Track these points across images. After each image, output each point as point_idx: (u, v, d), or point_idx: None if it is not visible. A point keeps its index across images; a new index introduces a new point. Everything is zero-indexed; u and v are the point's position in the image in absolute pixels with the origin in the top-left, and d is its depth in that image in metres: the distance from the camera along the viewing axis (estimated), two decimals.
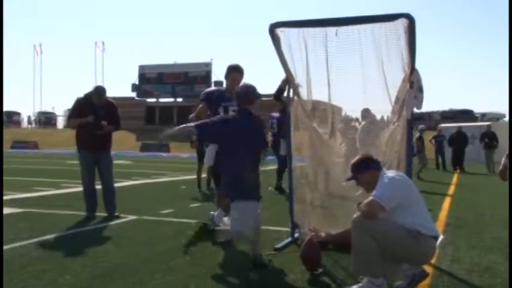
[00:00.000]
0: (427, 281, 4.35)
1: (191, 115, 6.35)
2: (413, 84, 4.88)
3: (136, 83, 61.49)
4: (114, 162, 8.28)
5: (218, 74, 53.73)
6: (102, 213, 7.81)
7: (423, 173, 17.11)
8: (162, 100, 61.56)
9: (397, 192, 3.98)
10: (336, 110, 5.82)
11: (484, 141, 21.39)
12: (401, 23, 4.70)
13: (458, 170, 21.04)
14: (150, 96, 61.31)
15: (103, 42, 67.35)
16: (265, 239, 5.69)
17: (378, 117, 5.93)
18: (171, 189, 12.35)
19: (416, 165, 17.56)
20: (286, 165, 6.20)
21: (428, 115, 48.95)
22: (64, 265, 4.87)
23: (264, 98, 6.04)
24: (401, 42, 4.78)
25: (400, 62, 4.96)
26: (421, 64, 5.05)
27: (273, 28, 5.31)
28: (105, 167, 7.92)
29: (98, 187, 7.92)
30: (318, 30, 5.18)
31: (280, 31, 5.32)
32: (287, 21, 5.33)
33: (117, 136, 9.09)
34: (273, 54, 5.55)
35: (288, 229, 6.13)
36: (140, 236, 6.32)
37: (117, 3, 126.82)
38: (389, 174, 4.15)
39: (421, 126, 20.50)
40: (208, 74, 58.70)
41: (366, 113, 6.00)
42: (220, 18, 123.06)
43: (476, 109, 50.67)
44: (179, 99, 60.06)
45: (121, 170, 17.43)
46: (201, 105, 6.12)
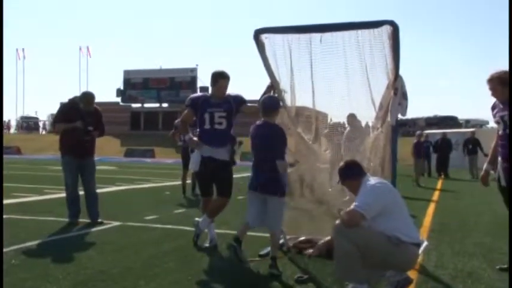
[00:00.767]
0: (412, 286, 4.36)
1: (176, 120, 6.33)
2: (397, 90, 4.92)
3: (121, 88, 61.22)
4: (98, 167, 8.23)
5: (204, 80, 53.73)
6: (85, 220, 7.74)
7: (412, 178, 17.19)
8: (147, 105, 61.36)
9: (378, 200, 4.01)
10: (321, 116, 5.84)
11: (467, 147, 21.58)
12: (386, 30, 4.74)
13: (443, 176, 21.19)
14: (135, 101, 61.09)
15: (87, 47, 67.19)
16: (249, 246, 5.67)
17: (363, 123, 5.96)
18: (156, 195, 12.28)
19: (413, 172, 17.66)
20: None
21: (413, 121, 49.35)
22: (45, 273, 4.80)
23: (249, 104, 6.05)
24: (385, 49, 4.82)
25: (384, 68, 5.00)
26: (405, 70, 5.10)
27: (257, 34, 5.33)
28: (89, 173, 7.87)
29: (81, 193, 7.86)
30: (302, 37, 5.21)
31: (264, 37, 5.34)
32: (272, 27, 5.34)
33: (101, 141, 9.04)
34: (258, 60, 5.56)
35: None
36: (124, 243, 6.26)
37: (103, 8, 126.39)
38: (372, 181, 4.17)
39: (418, 132, 20.62)
40: (193, 80, 58.61)
41: (352, 118, 6.02)
42: (205, 24, 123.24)
43: (461, 115, 51.15)
44: (164, 105, 59.88)
45: (105, 175, 17.31)
46: (186, 111, 6.09)
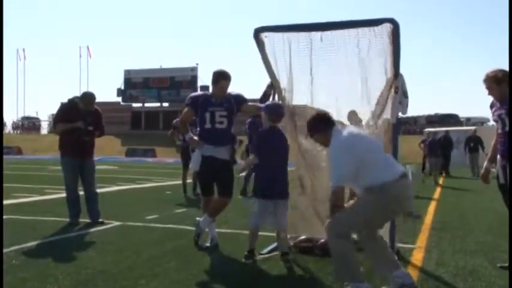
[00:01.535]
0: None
1: (175, 120, 6.32)
2: (398, 89, 4.91)
3: (122, 87, 61.23)
4: (99, 167, 8.24)
5: (204, 79, 53.74)
6: (85, 220, 7.73)
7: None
8: (147, 105, 61.38)
9: (347, 162, 3.99)
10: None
11: (469, 145, 21.54)
12: (386, 28, 4.73)
13: (444, 174, 21.17)
14: (136, 101, 61.11)
15: (88, 47, 67.18)
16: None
17: (364, 121, 5.95)
18: (156, 195, 12.28)
19: (427, 171, 17.61)
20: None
21: (414, 119, 49.34)
22: (45, 273, 4.80)
23: (250, 104, 6.04)
24: (385, 47, 4.81)
25: (384, 66, 4.98)
26: (405, 68, 5.09)
27: (257, 33, 5.32)
28: (89, 173, 7.86)
29: (82, 193, 7.86)
30: (302, 35, 5.21)
31: (264, 36, 5.33)
32: (272, 26, 5.33)
33: (102, 141, 9.05)
34: (258, 59, 5.56)
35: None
36: (124, 242, 6.26)
37: (103, 8, 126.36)
38: (338, 138, 4.14)
39: (430, 130, 20.53)
40: (194, 79, 58.62)
41: (353, 115, 6.00)
42: (205, 23, 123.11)
43: (461, 113, 51.16)
44: (165, 104, 59.90)
45: (106, 175, 17.31)
46: (186, 110, 6.08)
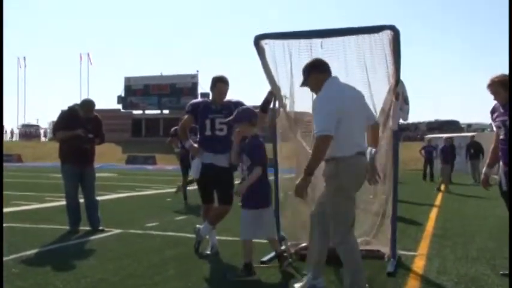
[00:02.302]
0: None
1: (173, 128, 6.33)
2: (399, 95, 4.90)
3: (122, 94, 61.40)
4: (100, 175, 8.24)
5: (204, 86, 53.83)
6: (85, 227, 7.71)
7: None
8: (148, 112, 61.50)
9: (330, 113, 4.05)
10: None
11: (469, 152, 21.54)
12: (386, 35, 4.73)
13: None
14: (136, 108, 61.23)
15: (88, 54, 67.40)
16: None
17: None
18: (157, 202, 12.26)
19: (440, 178, 17.59)
20: None
21: (415, 126, 49.35)
22: (45, 281, 4.77)
23: None
24: (386, 54, 4.81)
25: (385, 73, 4.98)
26: (405, 75, 5.09)
27: (257, 40, 5.32)
28: (89, 180, 7.85)
29: (82, 201, 7.84)
30: (303, 42, 5.21)
31: (264, 43, 5.33)
32: (272, 33, 5.34)
33: (103, 148, 9.05)
34: (259, 66, 5.56)
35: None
36: (125, 250, 6.24)
37: (103, 15, 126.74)
38: (323, 94, 4.21)
39: (445, 136, 20.53)
40: (194, 86, 58.79)
41: None
42: (206, 30, 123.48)
43: (462, 119, 51.20)
44: (165, 111, 60.03)
45: (106, 182, 17.29)
46: (186, 117, 6.08)
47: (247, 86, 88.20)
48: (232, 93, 5.96)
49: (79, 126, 7.61)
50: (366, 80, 5.06)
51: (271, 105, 5.81)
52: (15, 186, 15.69)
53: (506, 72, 5.05)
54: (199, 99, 6.65)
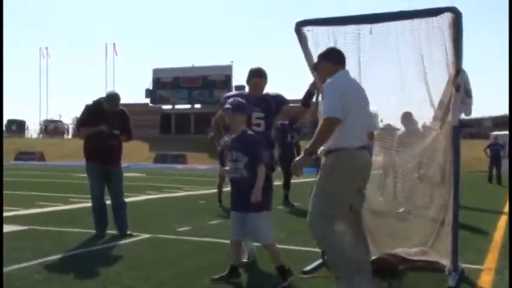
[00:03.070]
0: None
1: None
2: (459, 87, 4.78)
3: (150, 88, 62.07)
4: (126, 175, 8.30)
5: (239, 78, 53.97)
6: (112, 231, 7.81)
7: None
8: (178, 107, 62.05)
9: (338, 99, 4.34)
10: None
11: None
12: (446, 18, 4.61)
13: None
14: (166, 102, 61.85)
15: (114, 45, 68.38)
16: (290, 261, 5.47)
17: (419, 124, 5.82)
18: (189, 205, 12.34)
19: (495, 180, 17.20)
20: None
21: (478, 122, 48.12)
22: None
23: (291, 105, 5.98)
24: (445, 40, 4.69)
25: (444, 62, 4.86)
26: (468, 64, 4.96)
27: (299, 27, 5.26)
28: (116, 181, 7.92)
29: (108, 202, 7.94)
30: (349, 28, 5.13)
31: (307, 30, 5.27)
32: (315, 19, 5.26)
33: (129, 147, 9.13)
34: (300, 56, 5.51)
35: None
36: (154, 256, 6.28)
37: (130, 3, 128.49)
38: (331, 82, 4.48)
39: (495, 133, 20.07)
40: (228, 78, 59.03)
41: (407, 117, 5.87)
42: (241, 18, 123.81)
43: None
44: (197, 106, 60.49)
45: (133, 183, 17.52)
46: (220, 112, 6.07)
47: (287, 78, 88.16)
48: (270, 86, 5.93)
49: (104, 122, 7.68)
50: (421, 69, 4.95)
51: (314, 99, 5.74)
52: (39, 186, 16.04)
53: None
54: (234, 92, 6.63)
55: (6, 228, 7.86)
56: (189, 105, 61.60)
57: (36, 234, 7.71)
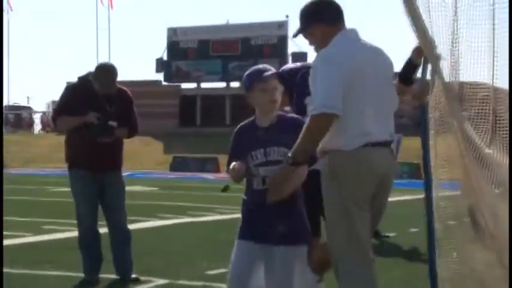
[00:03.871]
0: None
1: None
2: None
3: (164, 57, 62.45)
4: (130, 188, 8.35)
5: (299, 41, 53.90)
6: (110, 275, 7.90)
7: None
8: (206, 85, 62.33)
9: (334, 79, 4.44)
10: (503, 98, 5.70)
11: None
12: None
13: None
14: (187, 79, 62.19)
15: None
16: None
17: None
18: (224, 235, 12.34)
19: None
20: None
21: None
22: None
23: None
24: None
25: None
26: None
27: None
28: (115, 197, 7.97)
29: (103, 231, 8.03)
30: None
31: None
32: None
33: (133, 146, 9.24)
34: (394, 12, 5.51)
35: None
36: None
37: None
38: (324, 53, 4.64)
39: None
40: (282, 41, 59.03)
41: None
42: None
43: None
44: (234, 84, 60.50)
45: (141, 201, 17.75)
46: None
47: (374, 42, 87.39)
48: None
49: (94, 109, 7.70)
50: None
51: (419, 73, 5.74)
52: None
53: None
54: (293, 65, 6.65)
55: None
56: (222, 84, 61.83)
57: None
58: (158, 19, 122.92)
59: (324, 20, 4.75)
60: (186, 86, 62.85)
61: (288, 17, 59.95)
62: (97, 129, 7.68)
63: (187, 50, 61.67)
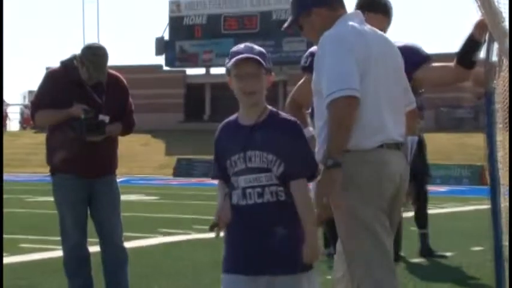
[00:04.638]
0: None
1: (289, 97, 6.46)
2: None
3: (165, 37, 62.67)
4: (125, 197, 8.35)
5: None
6: None
7: None
8: (216, 71, 62.46)
9: (348, 59, 4.48)
10: None
11: None
12: None
13: None
14: (194, 62, 62.34)
15: None
16: None
17: None
18: None
19: None
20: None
21: None
22: None
23: (435, 65, 6.00)
24: None
25: None
26: None
27: None
28: (107, 208, 7.96)
29: (94, 249, 8.04)
30: None
31: None
32: None
33: (128, 146, 9.24)
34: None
35: None
36: None
37: None
38: (331, 34, 4.66)
39: None
40: None
41: None
42: None
43: None
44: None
45: (139, 213, 17.83)
46: (304, 80, 6.12)
47: (426, 19, 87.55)
48: (396, 32, 5.93)
49: (81, 100, 7.68)
50: None
51: (483, 53, 5.72)
52: None
53: None
54: None
55: None
56: None
57: None
58: None
59: (327, 3, 4.81)
60: (192, 72, 63.12)
61: None
62: (84, 126, 7.63)
63: (193, 28, 61.82)
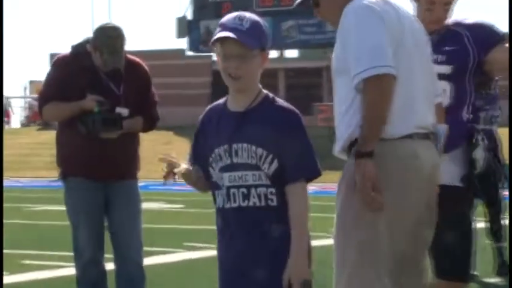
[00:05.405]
0: None
1: None
2: None
3: (188, 17, 62.72)
4: (144, 205, 8.32)
5: None
6: None
7: None
8: None
9: (380, 30, 4.50)
10: None
11: None
12: None
13: None
14: None
15: None
16: None
17: None
18: None
19: None
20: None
21: None
22: None
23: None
24: None
25: None
26: None
27: None
28: (126, 218, 7.93)
29: (110, 267, 8.05)
30: None
31: None
32: None
33: (147, 145, 9.32)
34: None
35: None
36: None
37: None
38: (356, 5, 4.63)
39: None
40: None
41: None
42: None
43: None
44: (291, 54, 60.59)
45: (160, 224, 17.88)
46: None
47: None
48: (462, 9, 6.01)
49: (94, 90, 7.67)
50: None
51: None
52: None
53: None
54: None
55: None
56: (273, 53, 62.01)
57: None
58: None
59: None
60: None
61: None
62: (99, 120, 7.56)
63: (220, 5, 61.86)
